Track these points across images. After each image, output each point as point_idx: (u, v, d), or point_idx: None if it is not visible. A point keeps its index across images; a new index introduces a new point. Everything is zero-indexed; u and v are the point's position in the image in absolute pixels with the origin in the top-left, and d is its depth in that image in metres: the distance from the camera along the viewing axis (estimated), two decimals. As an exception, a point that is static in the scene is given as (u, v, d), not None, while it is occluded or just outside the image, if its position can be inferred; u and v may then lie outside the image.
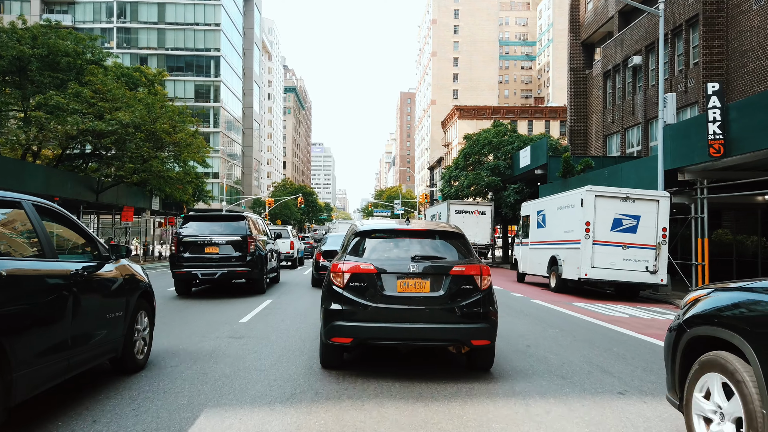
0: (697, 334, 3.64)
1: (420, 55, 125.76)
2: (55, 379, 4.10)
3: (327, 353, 5.95)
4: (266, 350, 6.96)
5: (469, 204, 31.87)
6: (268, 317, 9.81)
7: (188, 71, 73.51)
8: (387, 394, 5.11)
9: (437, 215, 34.36)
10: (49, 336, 3.94)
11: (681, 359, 3.80)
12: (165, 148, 28.92)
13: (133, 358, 5.56)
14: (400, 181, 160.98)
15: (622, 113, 32.22)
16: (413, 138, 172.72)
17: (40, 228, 4.20)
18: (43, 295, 3.94)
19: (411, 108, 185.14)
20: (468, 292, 5.58)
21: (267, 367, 6.07)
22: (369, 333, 5.46)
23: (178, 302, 11.96)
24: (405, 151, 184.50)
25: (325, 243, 16.95)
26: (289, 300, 12.67)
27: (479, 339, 5.49)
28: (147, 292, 5.95)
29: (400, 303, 5.49)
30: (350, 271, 5.61)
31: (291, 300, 12.67)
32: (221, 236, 12.81)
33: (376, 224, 6.36)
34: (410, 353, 6.81)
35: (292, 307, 11.39)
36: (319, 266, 15.70)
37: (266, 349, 7.01)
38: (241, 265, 12.76)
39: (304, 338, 7.82)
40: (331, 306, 5.62)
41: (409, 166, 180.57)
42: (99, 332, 4.78)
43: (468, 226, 30.71)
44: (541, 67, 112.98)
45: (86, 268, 4.68)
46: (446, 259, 5.75)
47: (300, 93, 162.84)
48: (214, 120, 74.29)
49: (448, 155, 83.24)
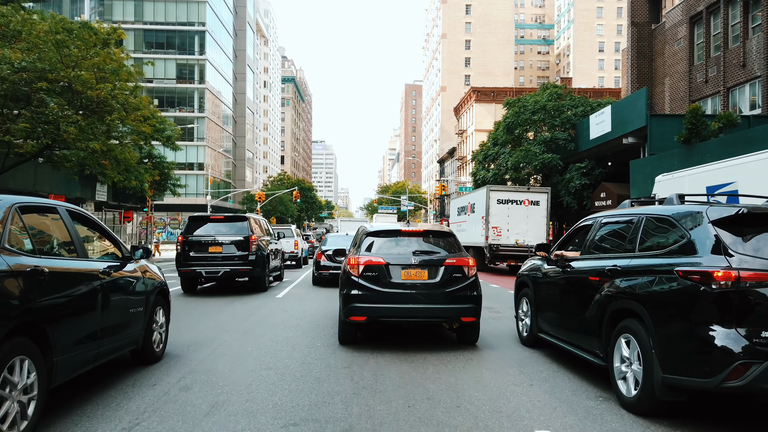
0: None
1: (428, 40, 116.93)
2: (87, 365, 4.68)
3: (345, 331, 7.29)
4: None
5: (517, 190, 23.20)
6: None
7: (169, 48, 64.91)
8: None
9: (469, 206, 25.76)
10: (83, 326, 4.53)
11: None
12: (89, 108, 20.16)
13: (152, 350, 6.19)
14: (405, 177, 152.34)
15: (723, 67, 23.35)
16: (419, 132, 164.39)
17: (73, 231, 4.81)
18: (78, 290, 4.50)
19: (416, 101, 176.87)
20: (458, 280, 6.97)
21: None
22: (380, 312, 6.90)
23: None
24: (410, 147, 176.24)
25: (325, 243, 17.07)
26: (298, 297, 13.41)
27: (467, 316, 6.94)
28: (163, 290, 6.59)
29: (404, 288, 6.89)
30: (365, 263, 7.01)
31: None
32: (224, 236, 13.30)
33: (383, 226, 7.79)
34: (406, 334, 8.14)
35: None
36: (320, 266, 15.99)
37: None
38: (243, 264, 13.25)
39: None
40: (349, 291, 7.02)
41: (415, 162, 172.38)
42: (123, 325, 5.35)
43: (515, 221, 22.11)
44: (560, 51, 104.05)
45: (111, 267, 5.22)
46: (440, 254, 7.16)
47: (300, 84, 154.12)
48: (199, 104, 65.65)
49: (462, 145, 74.51)
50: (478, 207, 24.16)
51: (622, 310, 4.94)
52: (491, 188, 23.19)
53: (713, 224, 4.33)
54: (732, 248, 4.14)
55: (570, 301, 6.10)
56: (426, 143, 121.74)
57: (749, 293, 3.94)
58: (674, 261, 4.47)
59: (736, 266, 4.00)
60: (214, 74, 68.23)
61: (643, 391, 4.51)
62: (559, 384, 5.57)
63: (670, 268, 4.44)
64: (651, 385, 4.41)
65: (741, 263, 4.01)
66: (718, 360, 3.91)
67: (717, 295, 4.01)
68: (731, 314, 3.96)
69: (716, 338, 3.95)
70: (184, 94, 65.44)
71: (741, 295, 3.94)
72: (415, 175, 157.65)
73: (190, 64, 65.30)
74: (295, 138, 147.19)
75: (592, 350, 5.52)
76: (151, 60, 39.99)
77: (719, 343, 3.93)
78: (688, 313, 4.18)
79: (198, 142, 65.52)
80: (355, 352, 6.83)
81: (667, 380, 4.27)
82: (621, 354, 4.91)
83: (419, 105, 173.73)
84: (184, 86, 65.14)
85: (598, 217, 6.28)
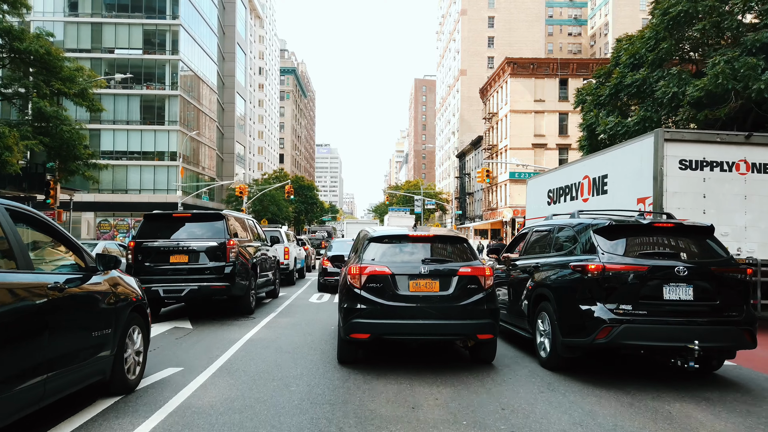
0: None
1: (442, 23, 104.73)
2: (27, 408, 3.73)
3: (344, 349, 6.53)
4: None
5: (724, 141, 10.65)
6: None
7: (135, 12, 52.85)
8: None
9: (586, 184, 13.40)
10: (18, 359, 3.54)
11: None
12: None
13: (124, 378, 5.17)
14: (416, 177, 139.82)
15: None
16: (432, 127, 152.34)
17: (13, 235, 3.81)
18: (11, 313, 3.50)
19: (427, 97, 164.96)
20: (473, 291, 6.22)
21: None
22: (385, 329, 6.09)
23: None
24: (420, 146, 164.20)
25: (330, 249, 16.66)
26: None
27: (484, 333, 6.22)
28: (140, 306, 5.53)
29: (412, 301, 6.07)
30: (368, 273, 6.16)
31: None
32: (192, 241, 10.07)
33: (388, 230, 6.82)
34: (409, 350, 7.43)
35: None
36: (327, 272, 15.34)
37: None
38: (217, 278, 9.94)
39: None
40: (349, 305, 6.19)
41: (426, 162, 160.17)
42: (82, 353, 4.38)
43: (720, 203, 9.83)
44: (594, 31, 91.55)
45: (69, 281, 4.26)
46: (453, 262, 6.39)
47: (301, 78, 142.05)
48: (171, 79, 53.46)
49: (492, 132, 61.91)
50: (620, 179, 11.81)
51: (540, 295, 6.90)
52: (669, 135, 10.72)
53: (594, 233, 6.30)
54: (602, 248, 6.11)
55: (513, 292, 7.99)
56: (441, 138, 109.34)
57: (612, 279, 5.81)
58: (569, 259, 6.48)
59: (604, 262, 5.92)
60: (190, 44, 56.10)
61: (551, 351, 6.48)
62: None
63: (566, 263, 6.44)
64: (555, 347, 6.38)
65: (609, 259, 5.96)
66: (592, 325, 5.80)
67: (592, 281, 5.92)
68: (601, 294, 5.86)
69: (591, 310, 5.87)
70: (152, 67, 53.31)
71: (607, 281, 5.83)
72: (426, 176, 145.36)
73: (160, 31, 53.17)
74: (296, 135, 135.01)
75: (524, 328, 7.46)
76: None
77: (593, 314, 5.83)
78: (575, 293, 6.12)
79: (169, 125, 53.29)
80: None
81: (565, 342, 6.20)
82: (539, 329, 6.87)
83: (430, 101, 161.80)
84: (152, 57, 53.03)
85: (532, 227, 8.41)
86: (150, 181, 53.30)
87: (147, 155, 53.41)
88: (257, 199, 59.55)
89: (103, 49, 52.12)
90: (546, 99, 54.04)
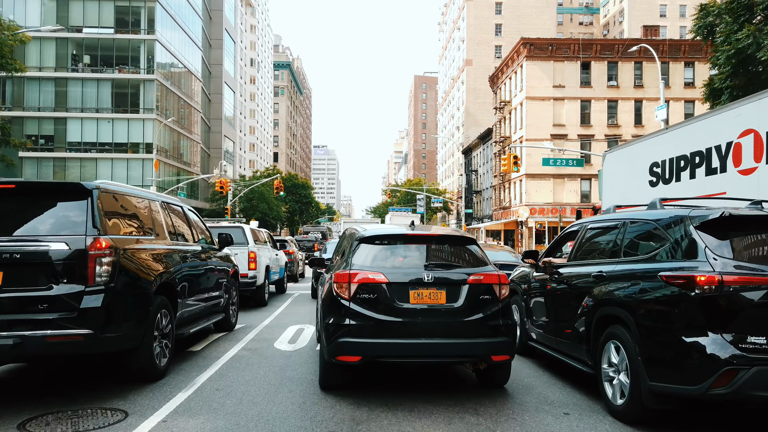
0: None
1: (445, 13, 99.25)
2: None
3: (328, 374, 5.28)
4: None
5: None
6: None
7: (106, -14, 47.07)
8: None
9: (734, 146, 7.60)
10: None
11: None
12: None
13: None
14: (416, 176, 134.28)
15: None
16: (432, 125, 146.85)
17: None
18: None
19: (427, 94, 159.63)
20: (487, 303, 5.01)
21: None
22: (380, 350, 4.84)
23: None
24: (419, 145, 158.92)
25: (325, 252, 15.21)
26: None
27: (500, 354, 4.99)
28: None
29: (414, 316, 4.88)
30: (358, 281, 4.91)
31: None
32: (11, 241, 4.91)
33: (380, 229, 5.84)
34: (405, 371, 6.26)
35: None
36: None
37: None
38: (66, 319, 4.79)
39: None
40: (335, 321, 4.93)
41: (426, 161, 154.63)
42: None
43: None
44: (608, 19, 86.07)
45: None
46: (461, 267, 5.17)
47: (297, 73, 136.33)
48: (147, 62, 47.62)
49: (504, 123, 56.28)
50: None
51: (608, 316, 4.80)
52: None
53: (696, 229, 4.21)
54: (715, 252, 4.00)
55: (558, 309, 5.91)
56: (444, 134, 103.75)
57: (733, 298, 3.79)
58: (657, 266, 4.36)
59: (719, 270, 3.86)
60: (170, 24, 50.33)
61: (630, 398, 4.38)
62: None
63: (653, 272, 4.33)
64: (638, 392, 4.28)
65: (724, 267, 3.87)
66: (704, 366, 3.77)
67: (701, 300, 3.85)
68: (716, 319, 3.83)
69: (701, 344, 3.82)
70: (125, 48, 47.51)
71: (725, 299, 3.80)
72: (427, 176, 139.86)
73: (134, 7, 47.35)
74: (291, 133, 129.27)
75: (579, 358, 5.36)
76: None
77: (704, 350, 3.79)
78: (672, 318, 4.09)
79: (144, 113, 47.43)
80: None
81: (654, 387, 4.14)
82: (607, 362, 4.80)
83: (430, 98, 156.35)
84: (125, 37, 47.25)
85: (584, 223, 6.25)
86: (123, 176, 47.39)
87: (119, 147, 47.58)
88: (245, 197, 53.72)
89: (69, 28, 46.18)
90: (566, 84, 48.38)
